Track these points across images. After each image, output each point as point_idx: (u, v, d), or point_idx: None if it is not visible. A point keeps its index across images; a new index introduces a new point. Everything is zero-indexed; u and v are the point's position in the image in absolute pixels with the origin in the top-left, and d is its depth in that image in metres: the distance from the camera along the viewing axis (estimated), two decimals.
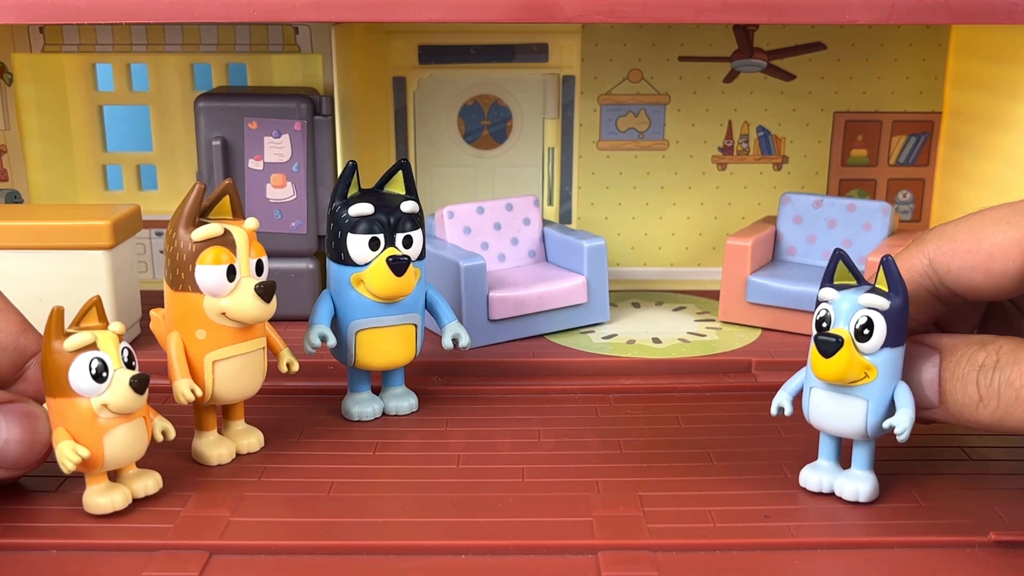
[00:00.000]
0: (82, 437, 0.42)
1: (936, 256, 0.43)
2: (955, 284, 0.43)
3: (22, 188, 0.71)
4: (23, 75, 0.70)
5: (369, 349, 0.52)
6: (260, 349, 0.49)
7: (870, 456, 0.44)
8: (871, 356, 0.42)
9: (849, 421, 0.43)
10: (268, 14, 0.54)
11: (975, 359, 0.41)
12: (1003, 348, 0.41)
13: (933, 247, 0.43)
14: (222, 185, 0.48)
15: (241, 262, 0.46)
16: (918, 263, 0.44)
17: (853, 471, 0.44)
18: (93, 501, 0.43)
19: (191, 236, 0.46)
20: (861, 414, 0.43)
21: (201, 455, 0.48)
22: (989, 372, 0.41)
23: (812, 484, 0.45)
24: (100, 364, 0.41)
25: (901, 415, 0.42)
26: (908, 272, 0.44)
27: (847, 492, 0.44)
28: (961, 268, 0.43)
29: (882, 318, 0.41)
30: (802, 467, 0.46)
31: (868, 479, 0.44)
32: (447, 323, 0.54)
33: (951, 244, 0.43)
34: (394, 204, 0.51)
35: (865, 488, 0.44)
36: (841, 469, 0.45)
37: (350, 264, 0.51)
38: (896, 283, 0.42)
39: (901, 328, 0.42)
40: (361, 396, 0.54)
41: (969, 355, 0.41)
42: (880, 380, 0.42)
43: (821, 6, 0.54)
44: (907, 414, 0.42)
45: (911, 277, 0.44)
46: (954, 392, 0.42)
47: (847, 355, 0.41)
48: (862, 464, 0.44)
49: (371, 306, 0.52)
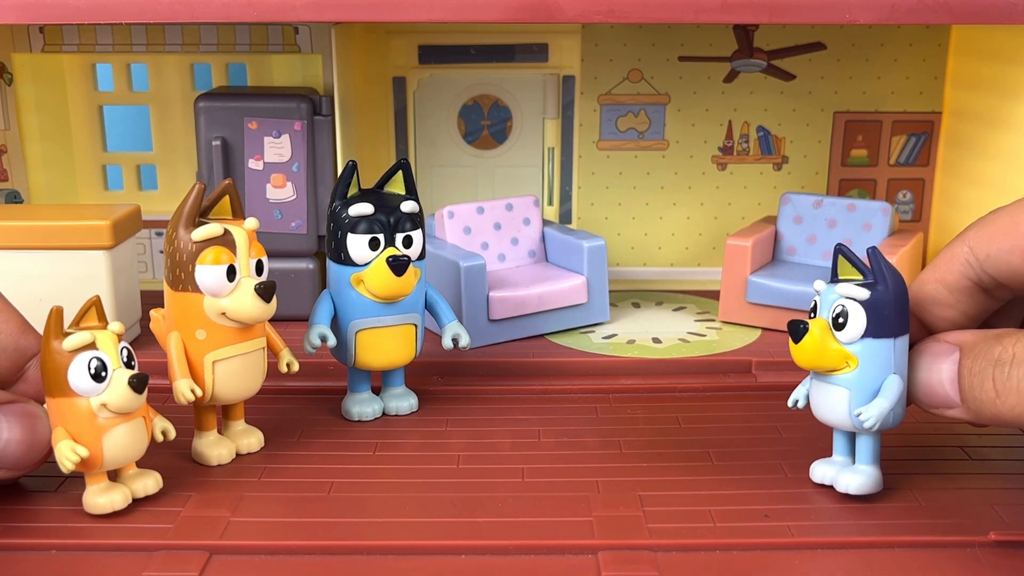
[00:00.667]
0: (81, 437, 0.42)
1: (975, 243, 0.43)
2: (996, 270, 0.42)
3: (22, 188, 0.71)
4: (23, 75, 0.70)
5: (369, 349, 0.52)
6: (260, 349, 0.49)
7: (872, 450, 0.44)
8: (851, 346, 0.42)
9: (834, 410, 0.43)
10: (268, 14, 0.54)
11: (991, 354, 0.40)
12: (1020, 342, 0.40)
13: (972, 234, 0.43)
14: (222, 185, 0.48)
15: (241, 262, 0.46)
16: (959, 252, 0.43)
17: (856, 465, 0.44)
18: (93, 501, 0.43)
19: (191, 236, 0.46)
20: (844, 403, 0.43)
21: (201, 455, 0.48)
22: (1006, 367, 0.40)
23: (816, 476, 0.45)
24: (99, 364, 0.41)
25: (873, 403, 0.42)
26: (950, 262, 0.43)
27: (839, 484, 0.44)
28: (1000, 251, 0.42)
29: (860, 308, 0.41)
30: (802, 466, 0.46)
31: (865, 473, 0.44)
32: (447, 323, 0.54)
33: (989, 229, 0.42)
34: (394, 204, 0.51)
35: (857, 481, 0.44)
36: (852, 464, 0.45)
37: (350, 264, 0.51)
38: (881, 274, 0.42)
39: (890, 320, 0.42)
40: (361, 396, 0.54)
41: (986, 350, 0.41)
42: (862, 370, 0.42)
43: (821, 6, 0.54)
44: (879, 404, 0.42)
45: (952, 266, 0.43)
46: (972, 389, 0.41)
47: (816, 342, 0.42)
48: (865, 458, 0.44)
49: (371, 306, 0.52)
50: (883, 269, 0.42)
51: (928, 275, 0.44)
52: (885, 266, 0.42)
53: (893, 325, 0.42)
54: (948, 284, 0.43)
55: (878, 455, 0.44)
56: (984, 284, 0.43)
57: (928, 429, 0.51)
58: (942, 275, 0.44)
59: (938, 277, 0.44)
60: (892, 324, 0.42)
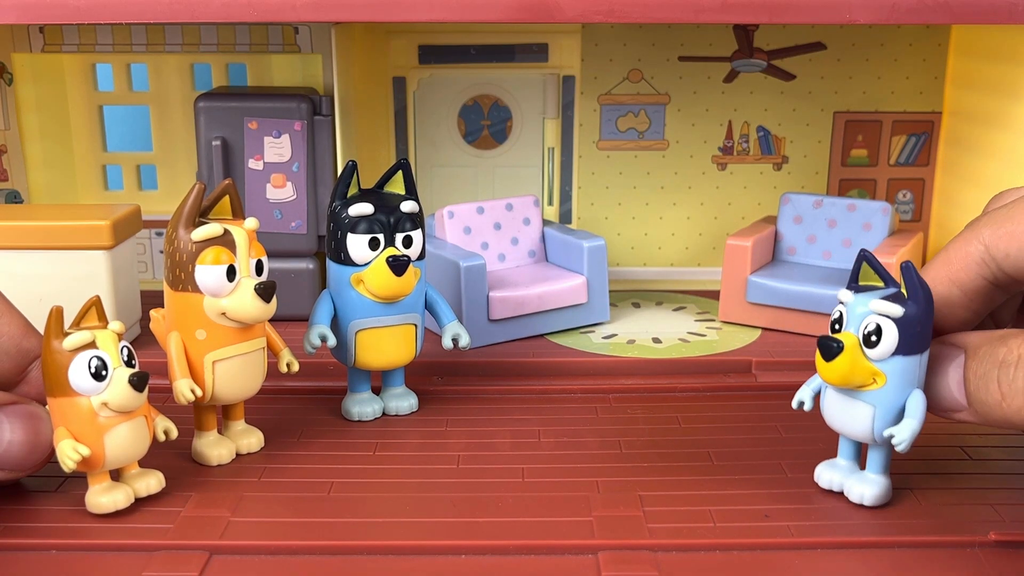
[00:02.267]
0: (83, 436, 0.42)
1: (992, 241, 0.41)
2: (1015, 268, 0.41)
3: (22, 188, 0.71)
4: (23, 75, 0.70)
5: (369, 349, 0.52)
6: (260, 349, 0.49)
7: (885, 460, 0.44)
8: (880, 363, 0.41)
9: (857, 425, 0.42)
10: (268, 14, 0.54)
11: (995, 355, 0.40)
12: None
13: (988, 232, 0.41)
14: (222, 185, 0.48)
15: (241, 262, 0.46)
16: (974, 251, 0.42)
17: (866, 474, 0.44)
18: (95, 500, 0.43)
19: (191, 236, 0.46)
20: (868, 420, 0.42)
21: (201, 455, 0.48)
22: (1011, 368, 0.39)
23: (824, 481, 0.45)
24: (99, 363, 0.41)
25: (904, 425, 0.41)
26: (964, 260, 0.42)
27: (853, 494, 0.44)
28: (1021, 249, 0.40)
29: (893, 325, 0.40)
30: (802, 467, 0.46)
31: (878, 483, 0.43)
32: (447, 323, 0.54)
33: (1008, 226, 0.41)
34: (394, 204, 0.51)
35: (871, 492, 0.43)
36: (858, 469, 0.44)
37: (350, 264, 0.51)
38: (915, 290, 0.40)
39: (918, 336, 0.40)
40: (361, 396, 0.54)
41: (991, 352, 0.40)
42: (889, 387, 0.41)
43: (821, 6, 0.54)
44: (910, 424, 0.41)
45: (967, 265, 0.42)
46: (978, 391, 0.40)
47: (848, 360, 0.41)
48: (876, 467, 0.44)
49: (371, 306, 0.51)
50: (917, 285, 0.40)
51: (940, 274, 0.43)
52: (919, 282, 0.41)
53: (922, 341, 0.41)
54: (963, 285, 0.42)
55: (889, 464, 0.44)
56: (1000, 282, 0.42)
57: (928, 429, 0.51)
58: (956, 275, 0.42)
59: (952, 278, 0.42)
60: (921, 340, 0.41)
